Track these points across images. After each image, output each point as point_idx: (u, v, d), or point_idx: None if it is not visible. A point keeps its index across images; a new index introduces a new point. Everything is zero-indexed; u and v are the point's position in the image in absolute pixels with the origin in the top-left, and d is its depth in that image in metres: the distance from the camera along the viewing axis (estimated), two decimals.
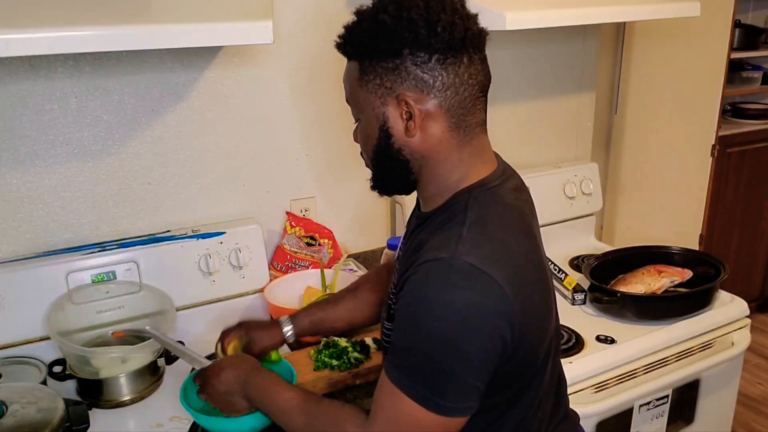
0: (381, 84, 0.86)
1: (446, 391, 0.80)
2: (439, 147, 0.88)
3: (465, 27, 0.84)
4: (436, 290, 0.79)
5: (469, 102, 0.86)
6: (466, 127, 0.88)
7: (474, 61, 0.86)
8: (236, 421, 1.13)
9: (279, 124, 1.64)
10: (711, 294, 1.63)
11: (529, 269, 0.87)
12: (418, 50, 0.83)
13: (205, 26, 1.13)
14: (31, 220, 1.43)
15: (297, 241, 1.67)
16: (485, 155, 0.92)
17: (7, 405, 1.02)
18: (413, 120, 0.86)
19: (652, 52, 2.32)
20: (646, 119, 2.40)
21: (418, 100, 0.85)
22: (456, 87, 0.85)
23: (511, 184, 0.94)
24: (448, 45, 0.83)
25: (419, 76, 0.84)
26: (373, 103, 0.88)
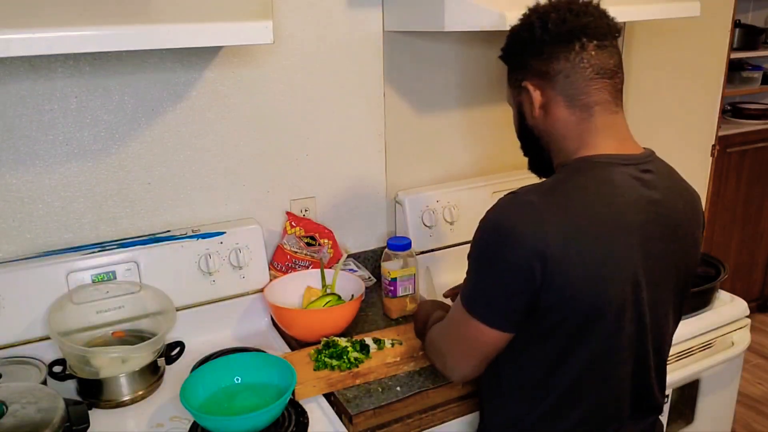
0: (516, 79, 1.07)
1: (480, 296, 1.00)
2: (558, 123, 1.03)
3: (575, 20, 0.98)
4: (495, 212, 0.98)
5: (582, 82, 0.99)
6: (582, 106, 1.00)
7: (587, 47, 0.99)
8: (236, 421, 1.13)
9: (279, 124, 1.64)
10: (711, 294, 1.64)
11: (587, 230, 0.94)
12: (535, 46, 1.01)
13: (205, 26, 1.13)
14: (31, 220, 1.43)
15: (297, 241, 1.67)
16: (613, 134, 1.02)
17: (7, 405, 1.02)
18: (533, 103, 1.04)
19: (652, 52, 2.32)
20: (646, 119, 2.40)
21: (538, 86, 1.03)
22: (567, 71, 0.99)
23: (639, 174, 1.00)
24: (559, 37, 0.99)
25: (537, 66, 1.02)
26: (513, 94, 1.10)
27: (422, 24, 1.55)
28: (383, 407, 1.23)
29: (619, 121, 1.03)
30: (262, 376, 1.26)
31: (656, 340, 1.07)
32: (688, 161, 2.41)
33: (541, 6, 1.04)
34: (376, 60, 1.73)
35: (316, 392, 1.27)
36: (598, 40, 0.99)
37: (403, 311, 1.58)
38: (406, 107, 1.82)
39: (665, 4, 1.71)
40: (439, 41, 1.80)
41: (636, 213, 0.97)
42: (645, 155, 1.04)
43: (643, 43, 2.31)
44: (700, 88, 2.35)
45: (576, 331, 0.97)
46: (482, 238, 0.98)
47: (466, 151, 1.95)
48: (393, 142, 1.81)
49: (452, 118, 1.90)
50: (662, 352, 1.12)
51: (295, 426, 1.19)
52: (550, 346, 1.00)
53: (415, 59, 1.79)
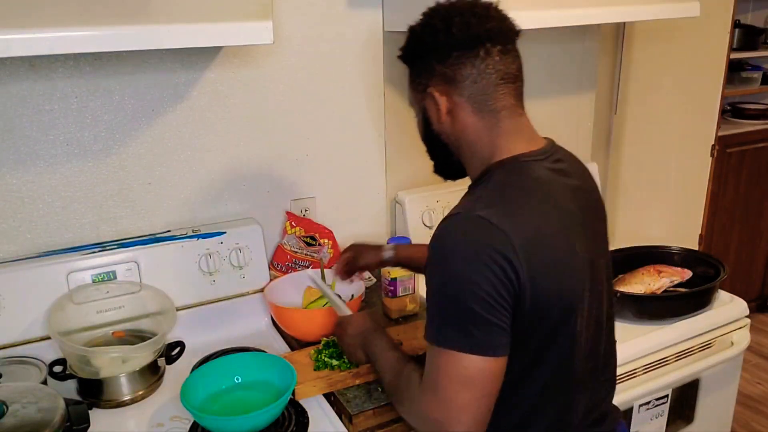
0: (419, 82, 1.04)
1: (471, 329, 0.89)
2: (468, 130, 1.01)
3: (480, 24, 0.97)
4: (448, 239, 0.92)
5: (489, 88, 0.98)
6: (490, 111, 0.99)
7: (491, 53, 0.97)
8: (236, 421, 1.13)
9: (279, 124, 1.64)
10: (710, 294, 1.64)
11: (541, 229, 0.93)
12: (440, 50, 0.99)
13: (205, 26, 1.13)
14: (31, 220, 1.43)
15: (297, 241, 1.67)
16: (521, 135, 1.02)
17: (7, 405, 1.02)
18: (440, 109, 1.01)
19: (652, 52, 2.32)
20: (646, 119, 2.40)
21: (444, 91, 1.00)
22: (474, 77, 0.98)
23: (554, 165, 1.01)
24: (464, 42, 0.97)
25: (443, 71, 0.99)
26: (417, 99, 1.06)
27: None
28: (383, 407, 1.23)
29: (524, 122, 1.03)
30: (262, 376, 1.27)
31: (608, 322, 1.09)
32: (688, 161, 2.41)
33: (442, 7, 1.02)
34: (376, 60, 1.73)
35: (316, 392, 1.27)
36: (502, 45, 0.98)
37: (403, 311, 1.58)
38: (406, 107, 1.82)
39: (665, 4, 1.71)
40: None
41: (567, 203, 0.99)
42: (550, 147, 1.05)
43: (643, 43, 2.31)
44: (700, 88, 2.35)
45: (548, 334, 0.95)
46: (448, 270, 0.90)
47: None
48: (393, 142, 1.82)
49: None
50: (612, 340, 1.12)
51: (295, 426, 1.19)
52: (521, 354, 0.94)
53: None
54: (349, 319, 1.29)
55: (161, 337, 1.32)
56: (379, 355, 1.15)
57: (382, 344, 1.16)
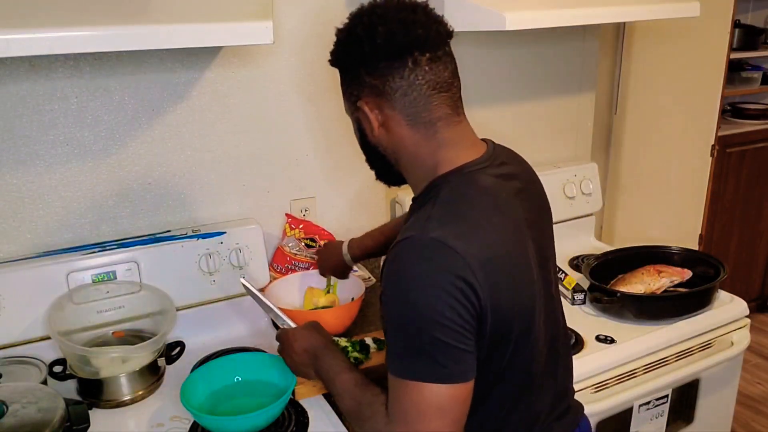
0: (350, 92, 0.99)
1: (438, 359, 0.86)
2: (405, 143, 0.96)
3: (405, 33, 0.91)
4: (405, 266, 0.87)
5: (421, 101, 0.93)
6: (426, 123, 0.95)
7: (420, 62, 0.92)
8: (236, 421, 1.13)
9: (279, 124, 1.64)
10: (710, 294, 1.64)
11: (498, 244, 0.90)
12: (367, 61, 0.94)
13: (206, 26, 1.13)
14: (31, 220, 1.43)
15: (297, 242, 1.67)
16: (461, 144, 0.97)
17: (7, 405, 1.02)
18: (371, 123, 0.97)
19: (652, 52, 2.32)
20: (646, 119, 2.40)
21: (376, 104, 0.95)
22: (404, 89, 0.93)
23: (499, 171, 0.98)
24: (390, 52, 0.92)
25: (372, 83, 0.94)
26: (350, 108, 1.02)
27: None
28: None
29: (464, 129, 0.98)
30: (262, 376, 1.27)
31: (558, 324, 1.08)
32: (688, 161, 2.41)
33: (365, 13, 0.95)
34: None
35: (316, 392, 1.27)
36: (431, 52, 0.92)
37: None
38: None
39: (665, 4, 1.71)
40: None
41: (516, 209, 0.97)
42: (492, 151, 1.01)
43: (643, 43, 2.31)
44: (700, 88, 2.35)
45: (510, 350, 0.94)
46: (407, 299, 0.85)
47: None
48: None
49: None
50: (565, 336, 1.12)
51: (295, 426, 1.19)
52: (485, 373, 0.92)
53: None
54: (294, 333, 1.19)
55: (161, 337, 1.32)
56: (334, 377, 1.07)
57: (336, 364, 1.09)
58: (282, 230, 1.69)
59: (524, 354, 0.96)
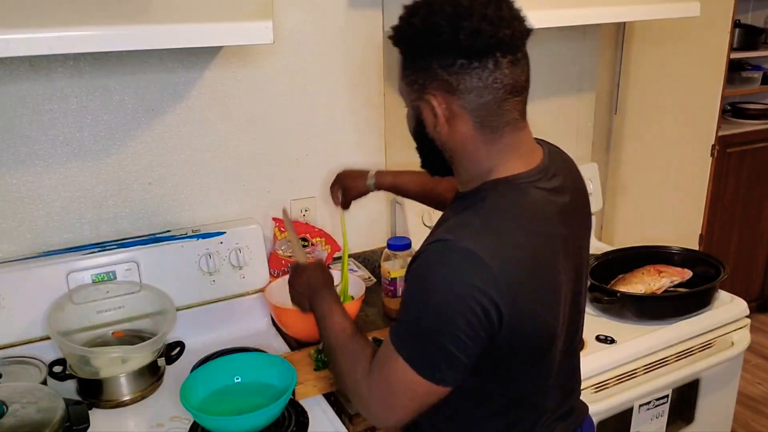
0: (415, 80, 0.93)
1: (434, 359, 0.88)
2: (465, 143, 0.93)
3: (491, 33, 0.86)
4: (435, 269, 0.87)
5: (494, 104, 0.90)
6: (493, 127, 0.92)
7: (501, 64, 0.88)
8: (236, 420, 1.13)
9: (279, 124, 1.64)
10: (711, 294, 1.64)
11: (530, 266, 0.89)
12: (444, 54, 0.88)
13: (205, 26, 1.13)
14: (31, 220, 1.43)
15: (289, 245, 1.66)
16: (521, 151, 0.95)
17: (7, 405, 1.02)
18: (438, 118, 0.92)
19: (652, 52, 2.32)
20: (646, 119, 2.40)
21: (444, 99, 0.90)
22: (479, 90, 0.88)
23: (550, 184, 0.96)
24: (472, 51, 0.86)
25: (445, 78, 0.89)
26: (411, 96, 0.95)
27: None
28: None
29: (526, 137, 0.96)
30: (262, 376, 1.27)
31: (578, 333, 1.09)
32: (688, 161, 2.41)
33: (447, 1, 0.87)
34: (376, 60, 1.73)
35: (316, 392, 1.27)
36: (512, 54, 0.89)
37: None
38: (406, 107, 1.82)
39: (665, 4, 1.71)
40: None
41: (557, 226, 0.95)
42: (546, 159, 0.99)
43: (643, 43, 2.31)
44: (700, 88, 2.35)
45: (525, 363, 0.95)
46: (429, 303, 0.87)
47: None
48: (393, 142, 1.81)
49: None
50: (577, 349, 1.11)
51: (295, 426, 1.19)
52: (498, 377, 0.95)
53: None
54: (303, 268, 1.26)
55: (161, 337, 1.32)
56: (326, 315, 1.12)
57: (330, 306, 1.13)
58: (272, 235, 1.68)
59: (537, 370, 0.97)
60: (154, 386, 1.33)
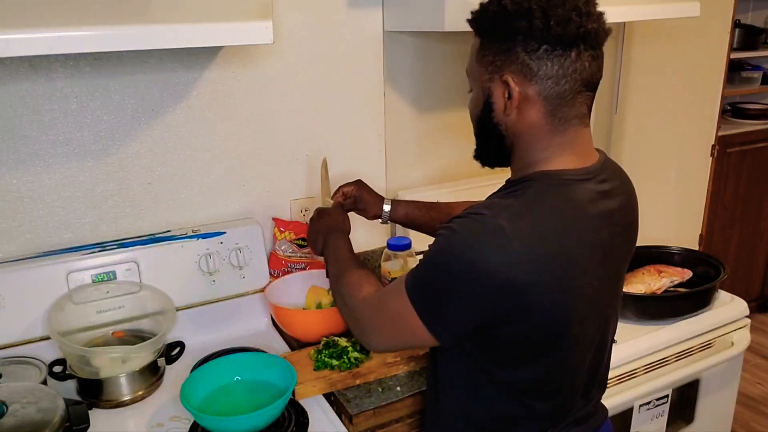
0: (492, 61, 0.94)
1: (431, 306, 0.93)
2: (531, 130, 0.94)
3: (579, 24, 0.89)
4: (466, 236, 0.88)
5: (569, 94, 0.92)
6: (562, 117, 0.93)
7: (582, 57, 0.91)
8: (236, 421, 1.13)
9: (279, 124, 1.64)
10: (711, 294, 1.64)
11: (556, 260, 0.89)
12: (529, 39, 0.89)
13: (205, 26, 1.13)
14: (31, 220, 1.43)
15: (289, 245, 1.66)
16: (578, 149, 0.96)
17: (7, 405, 1.02)
18: (512, 100, 0.93)
19: (652, 52, 2.32)
20: (646, 119, 2.40)
21: (520, 83, 0.92)
22: (558, 78, 0.90)
23: (599, 187, 0.96)
24: (559, 39, 0.89)
25: (526, 62, 0.90)
26: (483, 77, 0.96)
27: (422, 24, 1.55)
28: (383, 407, 1.23)
29: (587, 135, 0.98)
30: (262, 376, 1.27)
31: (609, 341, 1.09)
32: (688, 161, 2.41)
33: None
34: (376, 60, 1.73)
35: (316, 392, 1.27)
36: (594, 50, 0.92)
37: None
38: (406, 107, 1.82)
39: (665, 4, 1.71)
40: (439, 41, 1.79)
41: (599, 230, 0.95)
42: (601, 163, 1.00)
43: (643, 43, 2.31)
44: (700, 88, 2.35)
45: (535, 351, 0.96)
46: (444, 263, 0.90)
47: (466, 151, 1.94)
48: (393, 142, 1.81)
49: (452, 118, 1.90)
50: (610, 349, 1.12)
51: (295, 426, 1.19)
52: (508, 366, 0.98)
53: (415, 59, 1.79)
54: (326, 211, 1.38)
55: (161, 337, 1.32)
56: (338, 249, 1.24)
57: (343, 244, 1.25)
58: (272, 235, 1.68)
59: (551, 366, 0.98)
60: (154, 386, 1.33)
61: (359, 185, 1.46)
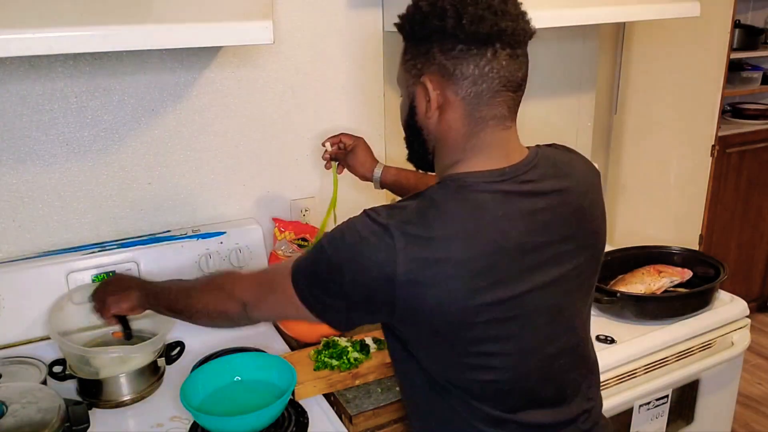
0: (414, 65, 0.93)
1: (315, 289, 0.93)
2: (449, 133, 0.94)
3: (494, 23, 0.87)
4: (355, 229, 0.90)
5: (487, 94, 0.90)
6: (478, 119, 0.92)
7: (499, 56, 0.89)
8: (236, 420, 1.13)
9: (279, 124, 1.64)
10: (711, 294, 1.63)
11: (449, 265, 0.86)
12: (444, 38, 0.89)
13: (205, 26, 1.13)
14: (31, 220, 1.43)
15: (289, 245, 1.66)
16: (495, 151, 0.94)
17: (7, 405, 1.02)
18: (430, 103, 0.92)
19: (652, 52, 2.32)
20: (646, 119, 2.40)
21: (439, 85, 0.91)
22: (474, 78, 0.89)
23: (516, 187, 0.93)
24: (473, 37, 0.87)
25: (443, 62, 0.90)
26: (408, 81, 0.96)
27: None
28: (383, 407, 1.23)
29: (509, 136, 0.95)
30: (262, 376, 1.26)
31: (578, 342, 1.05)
32: (688, 161, 2.41)
33: None
34: (376, 60, 1.73)
35: (316, 392, 1.27)
36: (512, 48, 0.89)
37: None
38: None
39: (665, 4, 1.71)
40: None
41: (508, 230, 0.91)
42: (525, 163, 0.96)
43: (643, 44, 2.31)
44: (700, 88, 2.35)
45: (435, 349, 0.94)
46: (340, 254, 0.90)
47: None
48: (393, 142, 1.81)
49: None
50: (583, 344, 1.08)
51: (295, 426, 1.19)
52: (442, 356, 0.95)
53: None
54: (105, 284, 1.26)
55: (161, 337, 1.32)
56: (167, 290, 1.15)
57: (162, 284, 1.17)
58: (272, 236, 1.68)
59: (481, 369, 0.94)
60: (154, 386, 1.33)
61: (359, 140, 1.46)
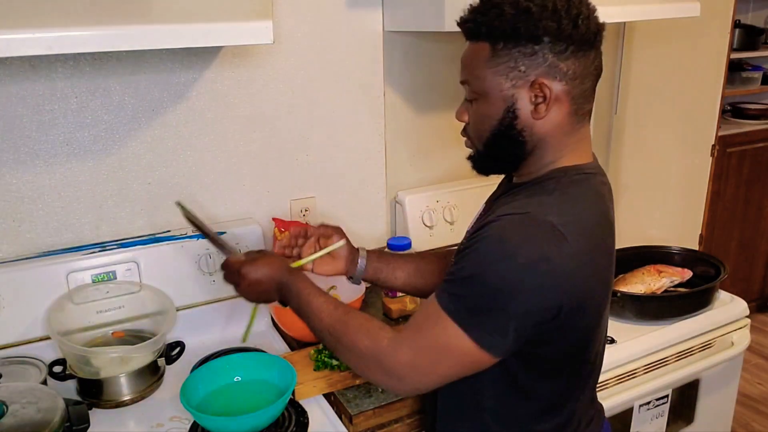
0: (515, 67, 0.90)
1: (487, 322, 0.86)
2: (555, 130, 0.93)
3: (596, 22, 0.92)
4: (515, 236, 0.85)
5: (590, 91, 0.94)
6: (581, 115, 0.94)
7: (599, 54, 0.94)
8: (236, 420, 1.13)
9: (279, 124, 1.64)
10: (711, 294, 1.64)
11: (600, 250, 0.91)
12: (558, 40, 0.88)
13: (205, 26, 1.13)
14: (31, 220, 1.43)
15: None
16: (585, 144, 0.98)
17: (7, 405, 1.02)
18: (545, 103, 0.90)
19: (652, 52, 2.32)
20: (646, 119, 2.40)
21: (550, 85, 0.90)
22: (583, 77, 0.91)
23: (601, 180, 0.98)
24: (584, 38, 0.90)
25: (555, 63, 0.89)
26: (502, 85, 0.92)
27: (422, 24, 1.55)
28: (383, 407, 1.23)
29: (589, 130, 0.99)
30: (262, 376, 1.27)
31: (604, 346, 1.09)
32: (688, 161, 2.41)
33: None
34: (376, 60, 1.73)
35: (316, 392, 1.27)
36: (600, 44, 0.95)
37: (403, 311, 1.58)
38: (406, 107, 1.82)
39: (665, 4, 1.71)
40: (439, 41, 1.80)
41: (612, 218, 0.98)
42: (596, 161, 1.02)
43: (643, 43, 2.31)
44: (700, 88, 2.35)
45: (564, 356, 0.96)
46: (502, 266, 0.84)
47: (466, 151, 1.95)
48: (393, 142, 1.81)
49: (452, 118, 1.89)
50: None
51: (295, 426, 1.19)
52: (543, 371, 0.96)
53: (415, 59, 1.79)
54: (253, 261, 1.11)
55: (161, 337, 1.32)
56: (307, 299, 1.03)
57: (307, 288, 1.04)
58: (272, 236, 1.68)
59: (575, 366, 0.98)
60: (154, 386, 1.33)
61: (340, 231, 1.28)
